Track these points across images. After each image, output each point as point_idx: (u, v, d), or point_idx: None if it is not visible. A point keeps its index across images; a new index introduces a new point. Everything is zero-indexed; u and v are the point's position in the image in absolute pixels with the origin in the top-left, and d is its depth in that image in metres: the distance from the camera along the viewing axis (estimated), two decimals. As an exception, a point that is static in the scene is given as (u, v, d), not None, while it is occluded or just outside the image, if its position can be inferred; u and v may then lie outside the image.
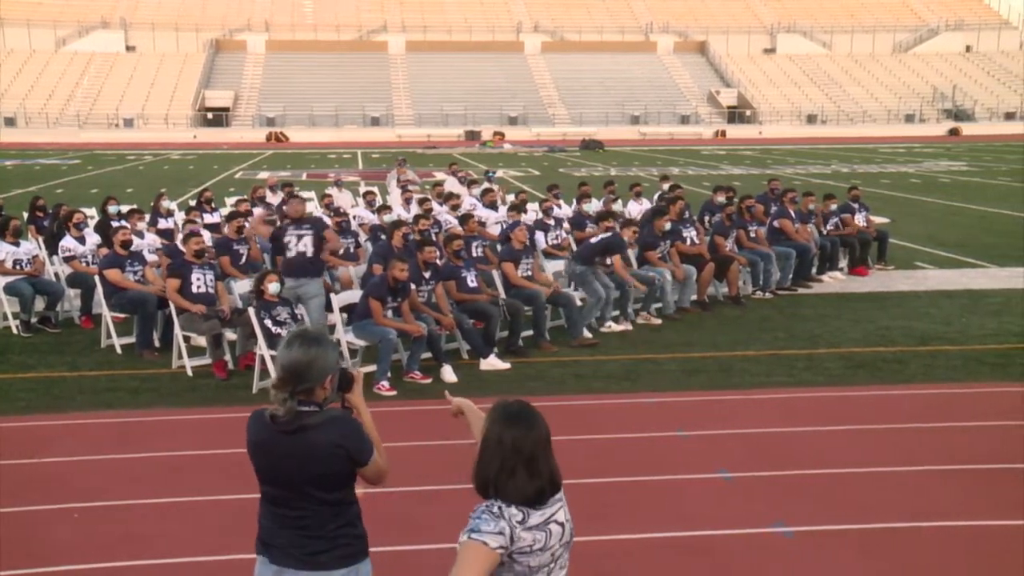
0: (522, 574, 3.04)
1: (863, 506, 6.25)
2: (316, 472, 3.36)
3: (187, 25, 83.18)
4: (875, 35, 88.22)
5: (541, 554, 3.03)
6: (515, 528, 2.98)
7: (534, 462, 3.05)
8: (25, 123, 69.21)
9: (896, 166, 40.26)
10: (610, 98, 76.88)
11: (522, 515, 3.01)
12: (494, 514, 3.01)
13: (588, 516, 6.12)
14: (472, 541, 2.97)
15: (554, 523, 3.08)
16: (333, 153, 53.09)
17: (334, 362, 3.44)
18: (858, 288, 13.71)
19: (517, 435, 3.05)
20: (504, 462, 3.04)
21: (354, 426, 3.46)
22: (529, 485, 3.02)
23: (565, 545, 3.15)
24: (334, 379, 3.45)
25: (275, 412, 3.35)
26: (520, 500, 3.02)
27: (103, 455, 7.27)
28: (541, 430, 3.11)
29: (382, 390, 8.74)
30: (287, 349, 3.37)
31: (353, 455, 3.41)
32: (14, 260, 11.32)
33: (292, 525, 3.43)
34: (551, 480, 3.10)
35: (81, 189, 30.17)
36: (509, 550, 2.98)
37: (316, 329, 3.74)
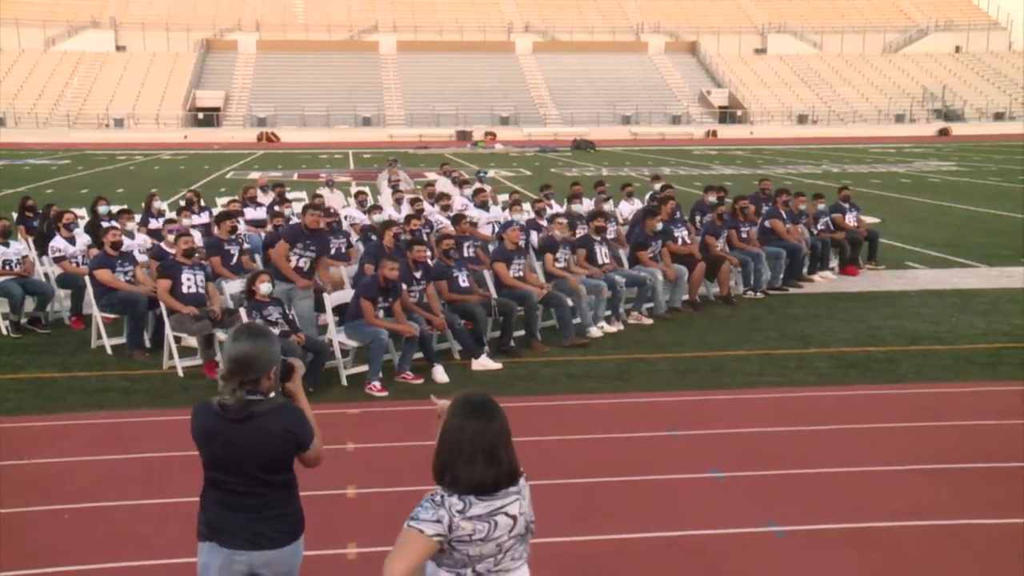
0: (462, 561, 3.11)
1: (854, 505, 6.27)
2: (266, 457, 3.61)
3: (177, 25, 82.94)
4: (865, 35, 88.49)
5: (483, 544, 3.09)
6: (454, 517, 3.06)
7: (494, 452, 3.12)
8: (14, 123, 68.90)
9: (886, 166, 40.38)
10: (601, 98, 76.93)
11: (463, 505, 3.08)
12: (435, 503, 3.10)
13: (579, 516, 6.13)
14: (410, 528, 3.10)
15: (502, 515, 3.13)
16: (324, 153, 53.01)
17: (278, 354, 3.68)
18: (849, 288, 13.74)
19: (478, 426, 3.13)
20: (463, 449, 3.11)
21: (299, 413, 3.72)
22: (487, 473, 3.09)
23: (518, 538, 3.19)
24: (277, 370, 3.67)
25: (224, 402, 3.58)
26: (474, 488, 3.09)
27: (94, 456, 7.25)
28: (501, 422, 3.19)
29: (373, 390, 8.73)
30: (234, 343, 3.58)
31: (300, 440, 3.68)
32: (3, 261, 11.28)
33: (243, 508, 3.65)
34: (509, 471, 3.16)
35: (71, 189, 30.05)
36: (448, 538, 3.06)
37: (260, 323, 3.92)
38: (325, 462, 7.13)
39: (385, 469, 6.98)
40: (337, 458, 7.15)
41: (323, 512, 6.20)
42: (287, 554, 3.73)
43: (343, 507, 6.28)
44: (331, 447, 7.32)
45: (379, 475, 6.85)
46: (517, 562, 3.22)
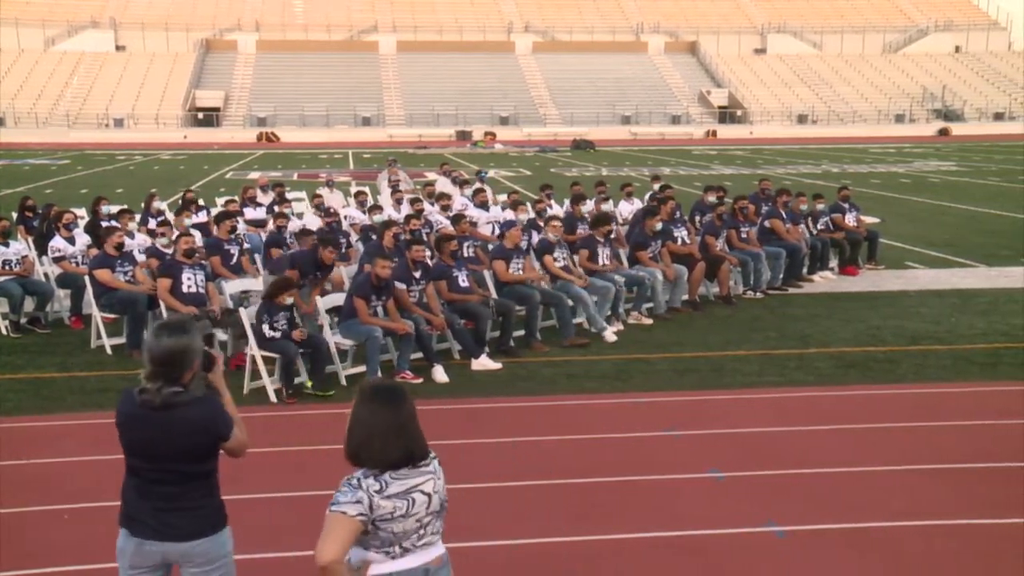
0: (388, 540, 3.31)
1: (853, 505, 6.27)
2: (183, 447, 3.66)
3: (177, 25, 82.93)
4: (865, 36, 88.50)
5: (404, 520, 3.31)
6: (373, 497, 3.26)
7: (403, 432, 3.34)
8: (14, 123, 68.89)
9: (886, 166, 40.39)
10: (601, 98, 76.93)
11: (380, 485, 3.28)
12: (352, 486, 3.30)
13: (578, 516, 6.13)
14: (333, 513, 3.26)
15: (418, 492, 3.35)
16: (324, 153, 53.01)
17: (200, 346, 3.76)
18: (848, 288, 13.74)
19: (388, 410, 3.35)
20: (376, 431, 3.32)
21: (217, 404, 3.77)
22: (399, 451, 3.31)
23: (435, 514, 3.42)
24: (200, 363, 3.74)
25: (146, 398, 3.66)
26: (389, 465, 3.30)
27: (93, 456, 7.24)
28: (408, 406, 3.40)
29: None
30: (157, 340, 3.66)
31: (218, 431, 3.73)
32: (3, 260, 11.27)
33: (155, 497, 3.72)
34: (418, 452, 3.38)
35: (71, 189, 30.05)
36: (370, 518, 3.25)
37: (179, 318, 3.97)
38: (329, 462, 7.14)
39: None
40: (337, 459, 7.14)
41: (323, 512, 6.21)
42: (203, 547, 3.73)
43: (343, 507, 6.28)
44: (333, 447, 7.34)
45: (379, 475, 6.84)
46: (436, 537, 3.46)
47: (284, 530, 5.95)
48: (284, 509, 6.29)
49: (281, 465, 7.09)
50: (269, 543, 5.73)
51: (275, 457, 7.24)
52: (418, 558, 3.38)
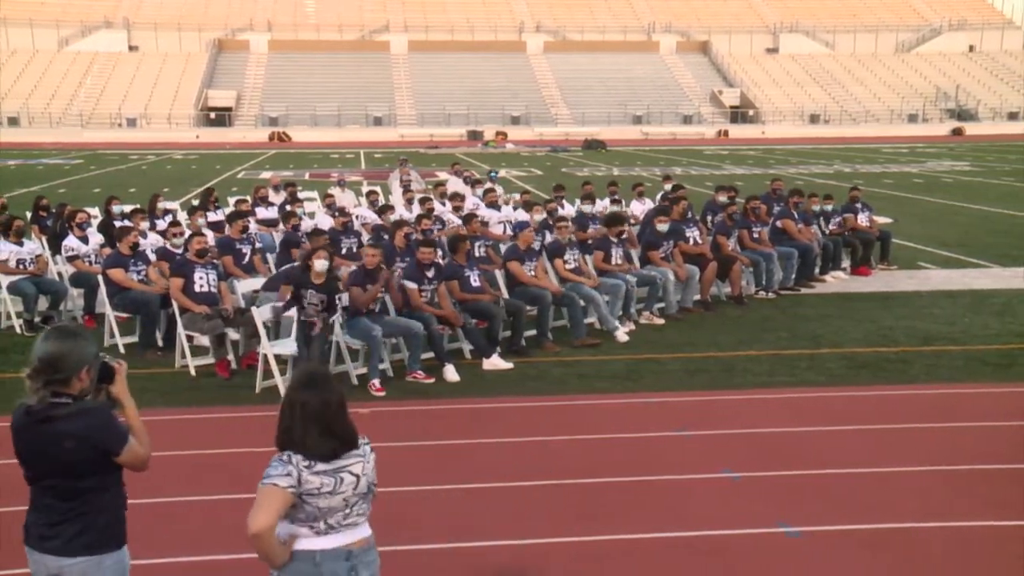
0: (313, 515, 3.42)
1: (866, 506, 6.25)
2: (65, 460, 3.49)
3: (190, 25, 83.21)
4: (878, 35, 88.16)
5: (331, 497, 3.42)
6: (302, 472, 3.37)
7: (328, 423, 3.42)
8: (28, 123, 69.28)
9: (899, 166, 40.23)
10: (612, 98, 76.87)
11: (309, 462, 3.39)
12: (283, 461, 3.40)
13: (588, 516, 6.13)
14: (264, 485, 3.36)
15: (347, 472, 3.46)
16: (336, 153, 53.11)
17: (90, 354, 3.56)
18: (861, 288, 13.70)
19: (313, 399, 3.42)
20: (300, 420, 3.41)
21: (103, 417, 3.57)
22: (324, 444, 3.40)
23: (362, 496, 3.53)
24: (92, 370, 3.56)
25: (28, 402, 3.51)
26: (316, 457, 3.40)
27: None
28: (335, 395, 3.48)
29: (372, 389, 8.71)
30: (43, 342, 3.51)
31: (101, 445, 3.52)
32: (17, 260, 11.34)
33: (41, 508, 3.62)
34: (345, 439, 3.47)
35: (84, 189, 30.19)
36: (298, 490, 3.36)
37: (74, 325, 3.92)
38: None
39: (395, 468, 6.98)
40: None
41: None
42: (79, 567, 3.55)
43: (354, 506, 6.29)
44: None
45: (389, 475, 6.82)
46: (362, 518, 3.56)
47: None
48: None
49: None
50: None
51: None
52: (343, 538, 3.48)
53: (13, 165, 43.26)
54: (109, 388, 3.66)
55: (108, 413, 3.62)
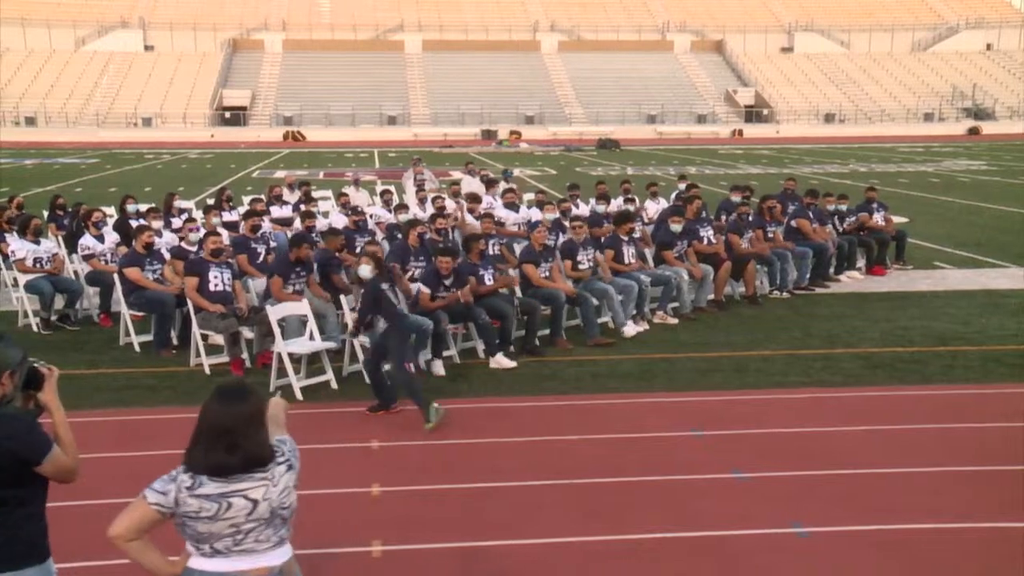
0: (195, 537, 3.27)
1: (880, 507, 6.22)
2: None
3: (205, 24, 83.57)
4: (894, 34, 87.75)
5: (212, 523, 3.21)
6: (181, 493, 3.21)
7: (233, 438, 3.22)
8: (45, 122, 69.72)
9: (914, 165, 40.04)
10: (627, 97, 76.77)
11: (192, 483, 3.22)
12: (170, 477, 3.26)
13: (601, 515, 6.13)
14: (141, 495, 3.25)
15: (240, 497, 3.22)
16: (350, 152, 53.23)
17: (12, 359, 3.41)
18: (876, 288, 13.64)
19: (221, 411, 3.25)
20: (204, 431, 3.26)
21: (25, 424, 3.40)
22: (220, 458, 3.21)
23: (263, 521, 3.28)
24: (15, 376, 3.41)
25: None
26: (207, 470, 3.22)
27: (121, 452, 7.32)
28: (249, 408, 3.27)
29: None
30: None
31: (21, 454, 3.36)
32: (35, 258, 11.41)
33: None
34: (248, 458, 3.24)
35: (100, 188, 30.36)
36: (172, 510, 3.22)
37: None
38: (351, 459, 7.20)
39: (410, 467, 7.01)
40: (362, 456, 7.20)
41: (348, 510, 6.25)
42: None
43: (368, 505, 6.31)
44: (356, 445, 7.38)
45: (404, 473, 6.88)
46: (263, 544, 3.30)
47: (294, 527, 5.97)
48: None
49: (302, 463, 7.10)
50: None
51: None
52: (232, 563, 3.27)
53: (30, 164, 43.54)
54: (38, 396, 3.49)
55: (29, 421, 3.42)
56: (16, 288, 11.43)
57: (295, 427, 8.04)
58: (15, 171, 39.53)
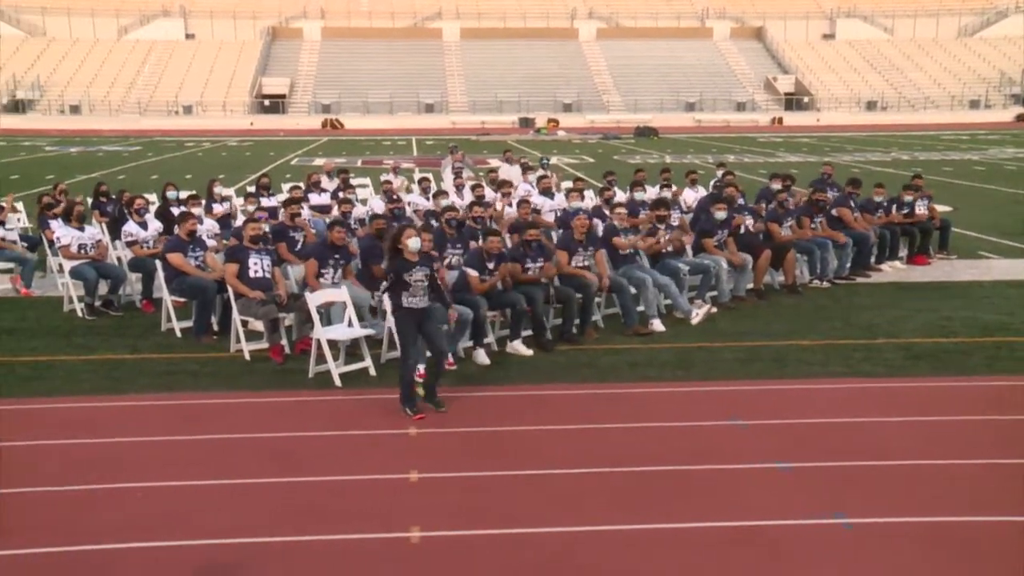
0: None
1: (923, 499, 6.15)
2: None
3: (245, 13, 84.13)
4: (939, 19, 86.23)
5: None
6: None
7: None
8: (89, 111, 70.64)
9: (959, 153, 39.40)
10: (665, 85, 76.27)
11: None
12: None
13: (641, 504, 6.11)
14: None
15: None
16: (388, 140, 53.40)
17: None
18: (919, 278, 13.45)
19: None
20: None
21: None
22: None
23: None
24: None
25: None
26: None
27: (163, 436, 7.41)
28: None
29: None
30: None
31: None
32: (79, 245, 11.57)
33: None
34: None
35: (141, 175, 30.73)
36: None
37: None
38: (389, 446, 7.24)
39: (448, 454, 7.03)
40: (400, 443, 7.23)
41: (386, 496, 6.28)
42: None
43: (406, 491, 6.34)
44: (394, 432, 7.42)
45: (442, 460, 6.90)
46: None
47: (332, 513, 6.02)
48: (334, 493, 6.36)
49: (339, 448, 7.17)
50: (317, 526, 5.80)
51: (335, 441, 7.33)
52: None
53: (75, 152, 44.17)
54: None
55: None
56: (61, 274, 11.60)
57: (333, 413, 8.14)
58: (60, 158, 40.13)
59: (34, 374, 9.01)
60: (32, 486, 6.43)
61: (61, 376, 8.95)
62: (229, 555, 5.47)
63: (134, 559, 5.42)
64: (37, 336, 10.46)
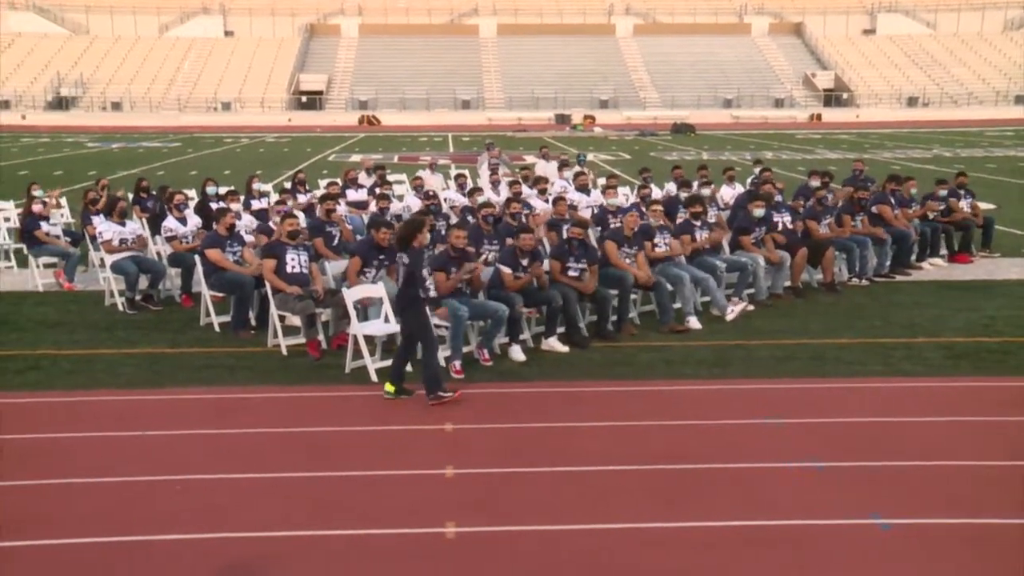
0: None
1: (962, 500, 6.06)
2: None
3: (283, 10, 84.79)
4: (984, 13, 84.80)
5: None
6: None
7: None
8: (130, 107, 71.49)
9: (1003, 150, 38.77)
10: (702, 81, 75.75)
11: None
12: None
13: (677, 502, 6.08)
14: None
15: None
16: (424, 136, 53.54)
17: None
18: (960, 276, 13.26)
19: None
20: None
21: None
22: None
23: None
24: None
25: None
26: None
27: (203, 430, 7.49)
28: None
29: (452, 371, 8.74)
30: None
31: None
32: (120, 239, 11.71)
33: None
34: None
35: (181, 171, 31.06)
36: None
37: None
38: (425, 441, 7.27)
39: (483, 450, 7.04)
40: (435, 439, 7.25)
41: (422, 491, 6.30)
42: None
43: (441, 486, 6.36)
44: (430, 427, 7.45)
45: (477, 456, 6.91)
46: None
47: (367, 508, 6.05)
48: (369, 488, 6.39)
49: (374, 443, 7.21)
50: (353, 520, 5.83)
51: (370, 436, 7.37)
52: None
53: (116, 148, 44.75)
54: None
55: None
56: (103, 268, 11.75)
57: (369, 408, 8.18)
58: (102, 154, 40.68)
59: (77, 367, 9.15)
60: (75, 477, 6.53)
61: (102, 369, 9.08)
62: (266, 548, 5.52)
63: (173, 550, 5.48)
64: (80, 330, 10.61)
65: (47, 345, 9.92)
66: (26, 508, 6.03)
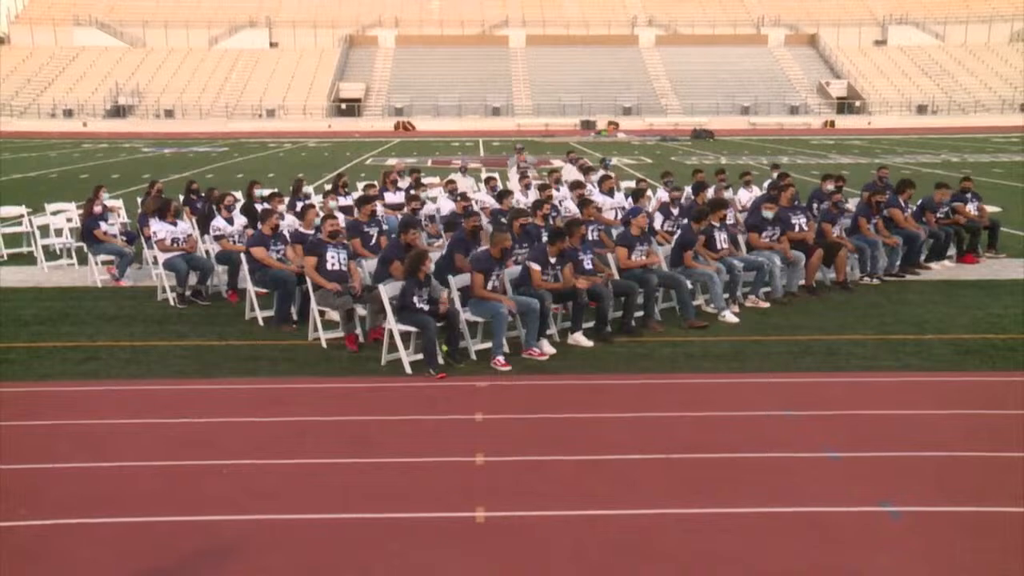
0: None
1: (969, 489, 5.97)
2: None
3: (324, 22, 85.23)
4: (991, 25, 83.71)
5: None
6: None
7: None
8: (181, 115, 72.19)
9: (1009, 155, 38.22)
10: (721, 89, 75.37)
11: None
12: None
13: (699, 489, 6.04)
14: None
15: None
16: (456, 141, 53.59)
17: None
18: (968, 276, 13.08)
19: None
20: None
21: None
22: None
23: None
24: None
25: None
26: None
27: (249, 418, 7.53)
28: None
29: (498, 364, 8.75)
30: None
31: None
32: (172, 238, 11.82)
33: None
34: None
35: (228, 174, 31.28)
36: None
37: None
38: (456, 430, 7.27)
39: (512, 439, 7.02)
40: (467, 427, 7.24)
41: (453, 477, 6.29)
42: None
43: (472, 473, 6.35)
44: (461, 417, 7.44)
45: (506, 444, 6.89)
46: None
47: (402, 492, 6.04)
48: (404, 474, 6.39)
49: (409, 432, 7.21)
50: (388, 504, 5.83)
51: (405, 425, 7.37)
52: None
53: (168, 153, 45.15)
54: None
55: None
56: (156, 266, 11.85)
57: (404, 399, 8.19)
58: (156, 159, 41.07)
59: (132, 358, 9.23)
60: (129, 460, 6.58)
61: (156, 360, 9.15)
62: (308, 530, 5.54)
63: (228, 530, 5.51)
64: (135, 323, 10.70)
65: (105, 337, 10.02)
66: (87, 489, 6.09)
